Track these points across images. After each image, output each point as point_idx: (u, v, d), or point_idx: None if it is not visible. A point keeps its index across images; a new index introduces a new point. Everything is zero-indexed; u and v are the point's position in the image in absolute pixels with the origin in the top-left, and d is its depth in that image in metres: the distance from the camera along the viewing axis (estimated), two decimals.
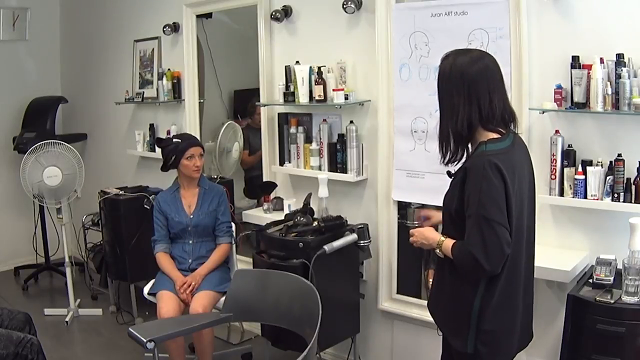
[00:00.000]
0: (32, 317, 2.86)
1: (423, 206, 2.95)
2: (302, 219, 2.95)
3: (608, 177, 2.30)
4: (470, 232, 1.81)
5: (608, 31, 2.31)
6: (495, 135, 1.88)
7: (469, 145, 1.93)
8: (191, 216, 3.27)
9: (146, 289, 3.25)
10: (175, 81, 4.23)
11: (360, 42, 3.08)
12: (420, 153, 2.91)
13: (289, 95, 3.25)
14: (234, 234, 3.39)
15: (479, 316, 1.90)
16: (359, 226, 2.93)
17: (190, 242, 3.28)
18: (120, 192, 4.16)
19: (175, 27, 4.16)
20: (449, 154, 1.94)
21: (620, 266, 2.15)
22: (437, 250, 1.95)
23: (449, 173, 2.00)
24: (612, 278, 2.19)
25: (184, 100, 4.18)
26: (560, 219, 2.53)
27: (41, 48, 5.33)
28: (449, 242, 1.91)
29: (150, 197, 3.92)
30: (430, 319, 2.13)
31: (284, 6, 3.40)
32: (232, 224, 3.39)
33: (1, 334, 2.49)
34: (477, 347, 1.91)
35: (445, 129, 1.90)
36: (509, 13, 2.52)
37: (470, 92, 1.85)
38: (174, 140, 3.29)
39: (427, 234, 2.01)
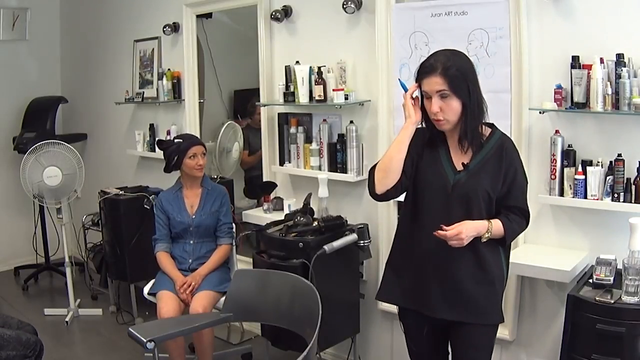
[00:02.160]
0: (33, 317, 2.90)
1: None
2: (302, 219, 2.95)
3: (608, 177, 2.30)
4: (522, 197, 2.06)
5: (608, 31, 2.31)
6: None
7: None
8: (193, 216, 3.27)
9: (146, 289, 3.25)
10: (175, 81, 4.23)
11: (360, 42, 3.08)
12: None
13: (289, 95, 3.25)
14: (235, 234, 3.39)
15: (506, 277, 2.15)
16: (359, 226, 2.93)
17: (191, 242, 3.28)
18: (120, 192, 4.15)
19: (175, 27, 4.16)
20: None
21: (620, 266, 2.15)
22: (487, 235, 1.98)
23: (464, 164, 2.04)
24: (612, 278, 2.19)
25: (184, 100, 4.17)
26: (560, 219, 2.54)
27: (41, 48, 5.33)
28: (496, 222, 2.01)
29: (150, 197, 3.92)
30: None
31: (284, 6, 3.40)
32: (233, 224, 3.39)
33: (11, 337, 2.59)
34: (502, 309, 2.14)
35: (479, 121, 2.02)
36: (509, 13, 2.51)
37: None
38: (175, 140, 3.30)
39: (473, 225, 1.97)
